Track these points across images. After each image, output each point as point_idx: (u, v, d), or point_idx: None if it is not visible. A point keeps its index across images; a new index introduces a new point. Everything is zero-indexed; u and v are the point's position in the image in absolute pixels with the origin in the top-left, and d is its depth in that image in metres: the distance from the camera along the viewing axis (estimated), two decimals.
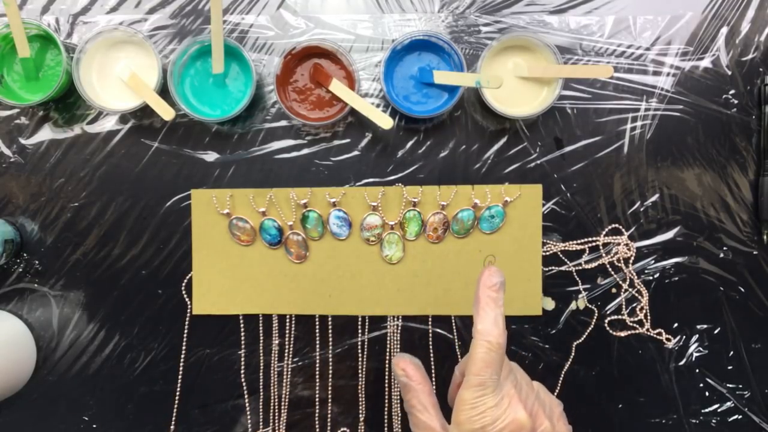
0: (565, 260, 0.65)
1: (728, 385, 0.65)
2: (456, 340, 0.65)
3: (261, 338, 0.66)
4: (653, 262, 0.65)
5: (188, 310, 0.66)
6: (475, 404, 0.45)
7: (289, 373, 0.66)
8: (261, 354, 0.66)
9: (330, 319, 0.66)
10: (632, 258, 0.65)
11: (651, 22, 0.64)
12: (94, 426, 0.66)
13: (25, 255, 0.66)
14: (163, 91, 0.62)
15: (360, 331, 0.66)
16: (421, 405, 0.50)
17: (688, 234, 0.65)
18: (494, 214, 0.64)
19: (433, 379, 0.65)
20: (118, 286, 0.66)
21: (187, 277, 0.65)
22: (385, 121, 0.60)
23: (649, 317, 0.65)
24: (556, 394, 0.65)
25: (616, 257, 0.65)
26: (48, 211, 0.66)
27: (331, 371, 0.66)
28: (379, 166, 0.65)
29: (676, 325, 0.65)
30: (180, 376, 0.66)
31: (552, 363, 0.65)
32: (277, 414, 0.66)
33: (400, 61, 0.63)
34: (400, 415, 0.65)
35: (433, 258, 0.65)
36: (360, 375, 0.66)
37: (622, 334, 0.65)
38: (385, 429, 0.66)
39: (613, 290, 0.65)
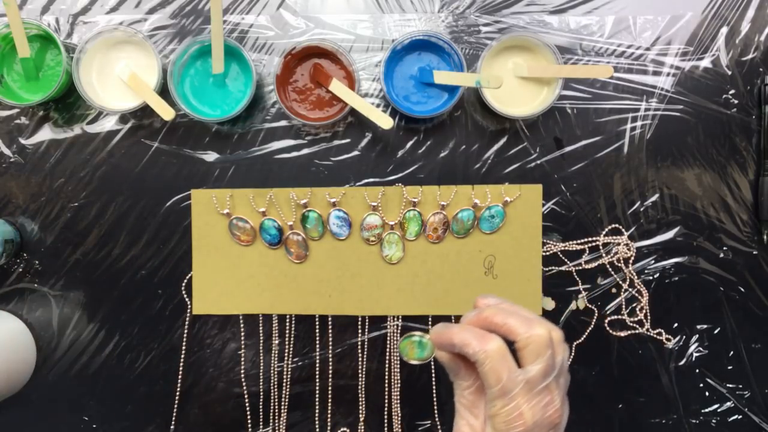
0: (565, 260, 0.65)
1: (728, 385, 0.65)
2: None
3: (261, 338, 0.66)
4: (653, 262, 0.65)
5: (188, 310, 0.66)
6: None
7: (289, 373, 0.66)
8: (261, 354, 0.66)
9: (330, 319, 0.66)
10: (632, 258, 0.65)
11: (651, 22, 0.64)
12: (94, 426, 0.66)
13: (25, 255, 0.66)
14: (163, 91, 0.62)
15: (360, 331, 0.66)
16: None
17: (688, 234, 0.65)
18: (494, 214, 0.64)
19: (433, 380, 0.65)
20: (118, 286, 0.66)
21: (187, 277, 0.65)
22: (385, 121, 0.60)
23: (649, 317, 0.65)
24: None
25: (616, 257, 0.65)
26: (48, 211, 0.66)
27: (331, 371, 0.66)
28: (379, 166, 0.65)
29: (676, 325, 0.65)
30: (180, 376, 0.66)
31: None
32: (277, 414, 0.66)
33: (400, 61, 0.63)
34: (399, 415, 0.65)
35: (433, 258, 0.65)
36: (360, 375, 0.66)
37: (622, 334, 0.65)
38: (385, 429, 0.66)
39: (613, 290, 0.65)
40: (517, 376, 0.42)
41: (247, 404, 0.66)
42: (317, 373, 0.66)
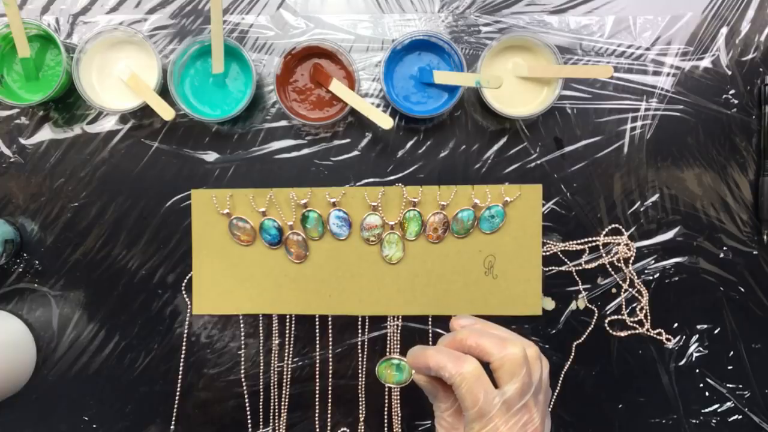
0: (565, 260, 0.65)
1: (728, 385, 0.65)
2: None
3: (261, 338, 0.66)
4: (653, 262, 0.65)
5: (188, 310, 0.66)
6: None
7: (289, 373, 0.66)
8: (261, 354, 0.66)
9: (330, 319, 0.66)
10: (632, 258, 0.65)
11: (651, 22, 0.64)
12: (94, 426, 0.66)
13: (25, 255, 0.66)
14: (163, 91, 0.62)
15: (360, 331, 0.66)
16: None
17: (688, 234, 0.65)
18: (494, 214, 0.64)
19: None
20: (118, 286, 0.66)
21: (187, 277, 0.65)
22: (385, 121, 0.60)
23: (649, 317, 0.65)
24: (555, 394, 0.65)
25: (616, 257, 0.65)
26: (48, 211, 0.66)
27: (331, 371, 0.66)
28: (379, 166, 0.65)
29: (676, 325, 0.65)
30: (180, 376, 0.66)
31: (552, 363, 0.65)
32: (277, 414, 0.66)
33: (400, 61, 0.63)
34: (399, 415, 0.65)
35: (433, 258, 0.65)
36: (360, 375, 0.66)
37: (622, 334, 0.65)
38: (385, 429, 0.66)
39: (613, 290, 0.65)
40: (494, 398, 0.42)
41: (247, 404, 0.66)
42: (317, 373, 0.66)
